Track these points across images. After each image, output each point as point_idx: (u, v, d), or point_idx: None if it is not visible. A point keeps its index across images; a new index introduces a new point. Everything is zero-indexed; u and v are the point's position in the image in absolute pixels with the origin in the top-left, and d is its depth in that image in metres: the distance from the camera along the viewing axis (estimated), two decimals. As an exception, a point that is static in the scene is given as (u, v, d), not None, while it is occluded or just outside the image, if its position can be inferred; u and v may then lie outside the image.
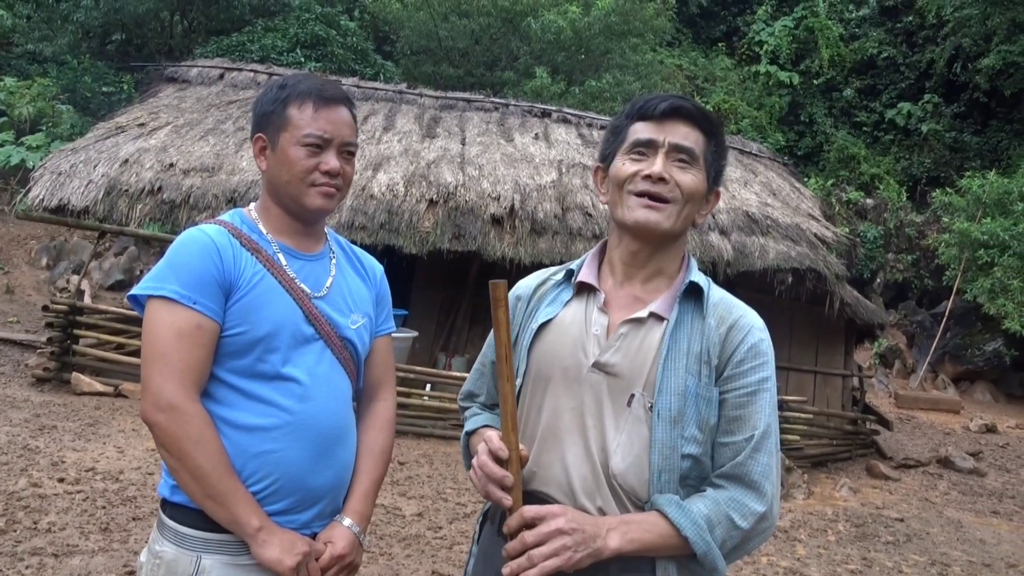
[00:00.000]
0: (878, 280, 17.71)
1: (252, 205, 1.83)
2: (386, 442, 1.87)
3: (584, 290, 1.63)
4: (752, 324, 1.56)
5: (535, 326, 1.60)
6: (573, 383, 1.55)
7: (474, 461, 1.49)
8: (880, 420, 9.94)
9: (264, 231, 1.76)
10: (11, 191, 14.55)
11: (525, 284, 1.76)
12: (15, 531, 4.20)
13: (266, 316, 1.64)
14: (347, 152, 1.75)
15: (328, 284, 1.78)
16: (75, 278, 11.96)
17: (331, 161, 1.70)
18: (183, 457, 1.55)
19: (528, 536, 1.38)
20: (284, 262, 1.73)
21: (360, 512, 1.75)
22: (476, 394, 1.83)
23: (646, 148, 1.55)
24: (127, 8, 16.22)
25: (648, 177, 1.53)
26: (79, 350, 7.85)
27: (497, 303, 1.43)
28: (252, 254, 1.69)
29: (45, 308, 7.88)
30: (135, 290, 1.64)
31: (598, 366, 1.54)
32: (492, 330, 1.73)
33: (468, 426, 1.76)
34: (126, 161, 8.39)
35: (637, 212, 1.53)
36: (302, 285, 1.72)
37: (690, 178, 1.55)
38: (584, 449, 1.52)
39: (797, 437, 8.28)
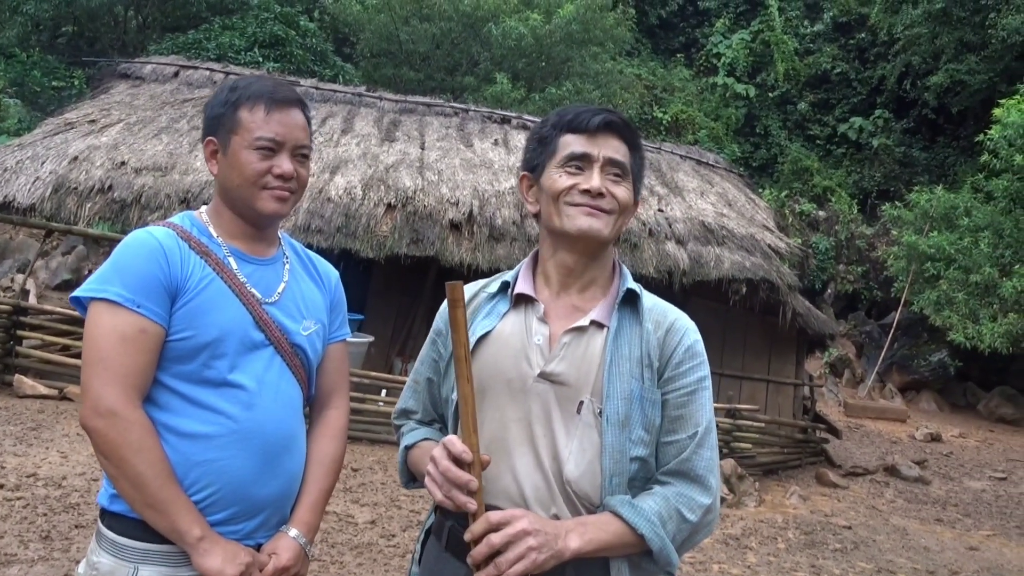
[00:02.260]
0: (829, 291, 18.04)
1: (204, 208, 1.79)
2: (336, 451, 1.83)
3: (522, 301, 1.64)
4: (686, 327, 1.62)
5: (473, 340, 1.59)
6: (518, 394, 1.55)
7: (431, 468, 1.46)
8: (830, 429, 10.12)
9: (215, 234, 1.71)
10: (-46, 186, 14.08)
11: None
12: (-51, 539, 4.05)
13: (213, 321, 1.60)
14: (300, 155, 1.72)
15: (280, 289, 1.74)
16: (20, 277, 11.62)
17: (284, 164, 1.67)
18: (122, 464, 1.50)
19: (495, 538, 1.38)
20: (235, 266, 1.69)
21: (307, 523, 1.71)
22: (412, 411, 1.81)
23: (581, 162, 1.58)
24: (79, 1, 15.83)
25: (587, 192, 1.56)
26: (22, 352, 7.62)
27: (454, 304, 1.41)
28: (201, 257, 1.65)
29: (-14, 308, 7.63)
30: (78, 292, 1.59)
31: (544, 376, 1.55)
32: (427, 343, 1.78)
33: (406, 440, 1.74)
34: (75, 158, 8.19)
35: (579, 220, 1.55)
36: (252, 290, 1.68)
37: (623, 190, 1.60)
38: (534, 459, 1.53)
39: (749, 445, 8.38)
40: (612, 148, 1.59)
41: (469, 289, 1.74)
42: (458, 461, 1.42)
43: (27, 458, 5.52)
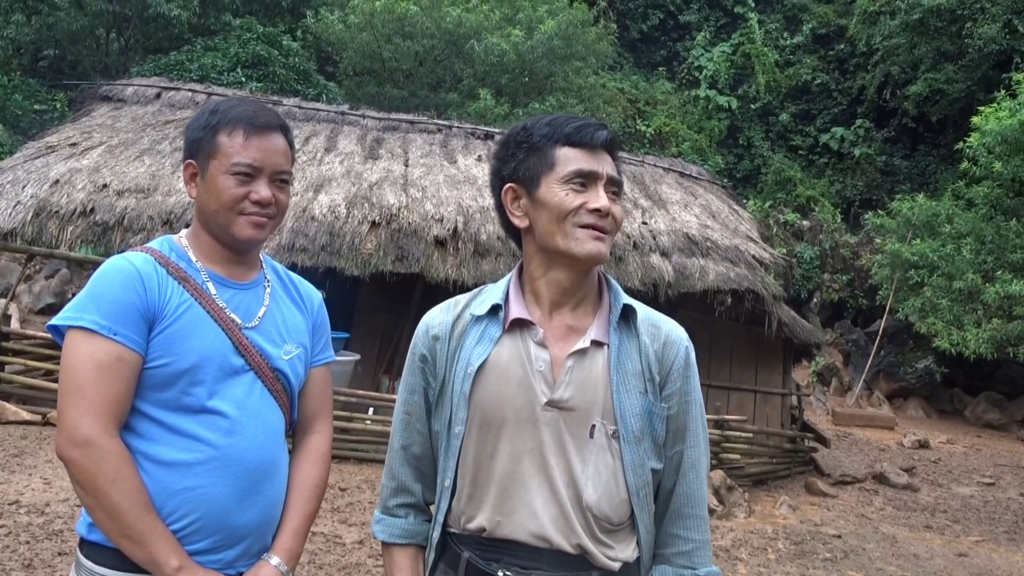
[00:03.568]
0: (815, 300, 18.12)
1: (183, 232, 1.79)
2: (319, 476, 1.81)
3: (516, 325, 1.58)
4: (680, 336, 1.63)
5: (472, 371, 1.55)
6: (527, 424, 1.52)
7: None
8: (818, 437, 10.14)
9: (194, 259, 1.71)
10: (-65, 211, 13.97)
11: (439, 322, 1.67)
12: (-70, 570, 4.00)
13: (191, 347, 1.59)
14: (280, 180, 1.70)
15: (260, 314, 1.74)
16: (2, 302, 11.51)
17: (262, 191, 1.66)
18: (98, 495, 1.48)
19: None
20: (214, 291, 1.68)
21: (289, 550, 1.69)
22: (407, 488, 1.71)
23: (587, 180, 1.53)
24: (60, 24, 15.80)
25: (596, 211, 1.51)
26: (5, 377, 7.54)
27: None
28: (180, 283, 1.64)
29: (-33, 334, 7.56)
30: (55, 320, 1.58)
31: (553, 404, 1.52)
32: (411, 370, 1.69)
33: (391, 530, 1.69)
34: (57, 182, 8.14)
35: (588, 244, 1.52)
36: (232, 315, 1.67)
37: (620, 209, 1.58)
38: (550, 489, 1.51)
39: (738, 456, 8.39)
40: (610, 165, 1.57)
41: (447, 311, 1.68)
42: None
43: (9, 485, 5.46)
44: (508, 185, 1.61)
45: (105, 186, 8.17)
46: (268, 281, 1.82)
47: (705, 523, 1.61)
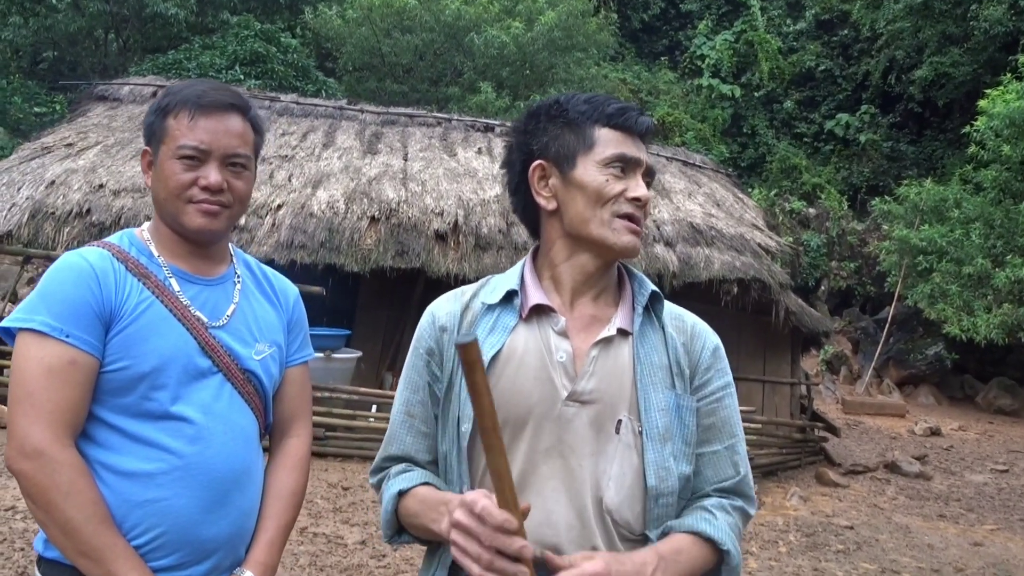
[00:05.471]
0: (822, 288, 17.97)
1: (145, 225, 1.67)
2: (297, 483, 1.69)
3: (533, 313, 1.45)
4: (706, 330, 1.54)
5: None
6: (545, 421, 1.38)
7: (457, 537, 1.22)
8: (828, 427, 10.02)
9: (156, 253, 1.59)
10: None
11: (447, 311, 1.52)
12: (-78, 580, 3.92)
13: (152, 349, 1.47)
14: (234, 164, 1.57)
15: (229, 312, 1.61)
16: (6, 306, 11.46)
17: (211, 176, 1.53)
18: (51, 510, 1.37)
19: None
20: (177, 288, 1.56)
21: (263, 563, 1.57)
22: (411, 456, 1.52)
23: (627, 165, 1.42)
24: (58, 26, 15.75)
25: (635, 200, 1.41)
26: (4, 382, 7.48)
27: (472, 367, 1.15)
28: (140, 280, 1.52)
29: (-34, 338, 7.48)
30: (4, 322, 1.47)
31: (574, 396, 1.39)
32: (413, 366, 1.52)
33: (398, 484, 1.45)
34: (52, 183, 8.06)
35: (626, 237, 1.41)
36: (197, 313, 1.55)
37: (650, 200, 1.49)
38: (567, 494, 1.37)
39: (747, 447, 8.27)
40: (644, 152, 1.46)
41: (456, 300, 1.54)
42: (499, 530, 1.18)
43: (6, 491, 5.38)
44: (538, 161, 1.47)
45: (101, 186, 8.09)
46: (239, 276, 1.69)
47: (745, 510, 1.50)
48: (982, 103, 13.44)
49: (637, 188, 1.42)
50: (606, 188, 1.40)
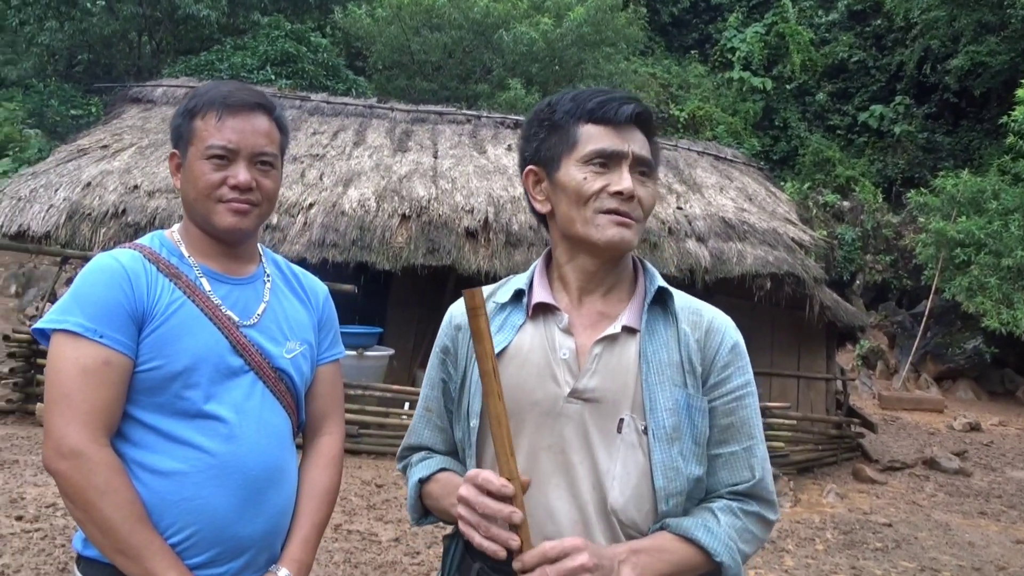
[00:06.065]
0: (857, 282, 17.72)
1: (176, 226, 1.68)
2: (330, 481, 1.70)
3: (540, 311, 1.46)
4: (726, 325, 1.47)
5: None
6: (547, 417, 1.39)
7: (463, 510, 1.28)
8: (865, 423, 9.86)
9: (186, 254, 1.60)
10: (-23, 218, 14.24)
11: (462, 311, 1.54)
12: (-34, 575, 4.00)
13: (184, 348, 1.49)
14: (262, 163, 1.58)
15: (260, 311, 1.62)
16: (46, 305, 11.69)
17: (240, 175, 1.54)
18: (89, 508, 1.38)
19: (550, 571, 1.20)
20: (208, 287, 1.57)
21: (299, 560, 1.59)
22: (427, 447, 1.61)
23: (608, 160, 1.39)
24: (93, 30, 16.01)
25: (618, 194, 1.37)
26: (43, 380, 7.61)
27: (475, 312, 1.25)
28: (171, 280, 1.53)
29: (6, 338, 7.63)
30: (39, 323, 1.48)
31: (576, 394, 1.38)
32: (431, 364, 1.59)
33: (419, 472, 1.53)
34: (88, 184, 8.19)
35: (609, 231, 1.38)
36: (228, 312, 1.57)
37: (649, 192, 1.43)
38: (569, 490, 1.37)
39: (782, 444, 8.17)
40: (639, 143, 1.41)
41: None
42: (496, 496, 1.24)
43: (47, 488, 5.48)
44: (529, 168, 1.49)
45: (136, 187, 8.20)
46: (268, 275, 1.70)
47: (762, 515, 1.43)
48: (1020, 92, 13.16)
49: (620, 181, 1.38)
50: (584, 187, 1.39)
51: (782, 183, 16.21)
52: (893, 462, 9.30)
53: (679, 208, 9.31)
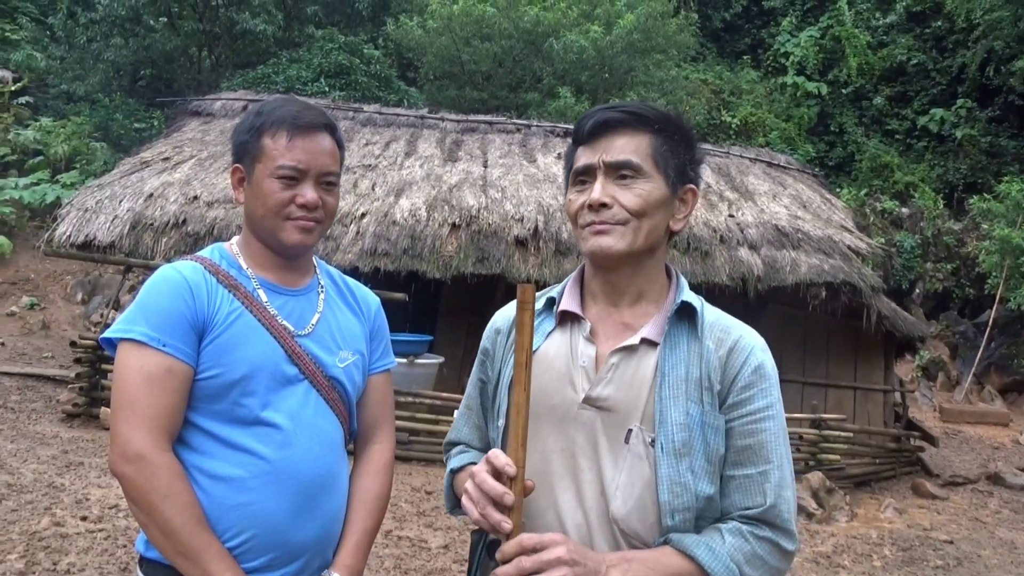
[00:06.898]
0: (917, 291, 17.26)
1: (234, 239, 1.74)
2: (381, 489, 1.75)
3: (567, 319, 1.51)
4: (753, 345, 1.44)
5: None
6: (561, 421, 1.43)
7: (468, 484, 1.33)
8: (925, 436, 9.60)
9: (244, 266, 1.66)
10: (47, 228, 14.78)
11: (504, 316, 1.66)
12: (34, 573, 4.15)
13: (242, 357, 1.54)
14: (326, 182, 1.64)
15: (314, 321, 1.67)
16: (110, 312, 12.07)
17: (308, 194, 1.60)
18: (151, 511, 1.44)
19: (525, 562, 1.23)
20: (265, 298, 1.63)
21: (350, 566, 1.63)
22: (465, 441, 1.69)
23: (586, 176, 1.45)
24: (156, 46, 16.52)
25: (590, 207, 1.42)
26: (108, 384, 7.86)
27: (523, 306, 1.31)
28: (230, 291, 1.59)
29: (73, 344, 7.91)
30: (106, 332, 1.55)
31: (589, 401, 1.41)
32: (475, 365, 1.67)
33: (452, 464, 1.63)
34: (151, 195, 8.46)
35: (590, 242, 1.43)
36: (284, 322, 1.62)
37: (633, 194, 1.41)
38: (576, 494, 1.40)
39: (838, 457, 8.01)
40: (616, 149, 1.41)
41: (509, 307, 1.64)
42: (499, 475, 1.28)
43: (110, 489, 5.65)
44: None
45: (196, 198, 8.43)
46: (322, 287, 1.76)
47: (776, 542, 1.39)
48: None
49: (589, 194, 1.43)
50: (571, 208, 1.48)
51: (838, 190, 15.90)
52: (955, 477, 9.04)
53: (731, 216, 9.21)
